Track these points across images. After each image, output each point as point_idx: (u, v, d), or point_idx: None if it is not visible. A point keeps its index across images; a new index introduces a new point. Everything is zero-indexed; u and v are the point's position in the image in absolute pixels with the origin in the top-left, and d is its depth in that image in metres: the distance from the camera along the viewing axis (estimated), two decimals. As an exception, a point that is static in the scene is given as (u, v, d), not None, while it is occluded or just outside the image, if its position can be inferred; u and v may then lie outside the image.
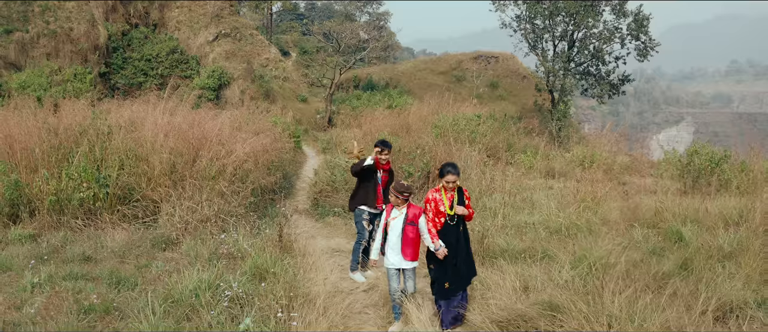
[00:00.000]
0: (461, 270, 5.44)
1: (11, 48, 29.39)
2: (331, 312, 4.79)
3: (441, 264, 5.42)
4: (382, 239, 5.57)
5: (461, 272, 5.44)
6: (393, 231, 5.48)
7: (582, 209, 8.51)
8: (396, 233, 5.45)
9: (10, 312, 5.39)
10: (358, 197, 7.32)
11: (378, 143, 7.30)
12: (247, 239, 6.91)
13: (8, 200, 9.25)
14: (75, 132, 10.37)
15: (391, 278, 5.54)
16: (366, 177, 7.29)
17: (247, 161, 9.85)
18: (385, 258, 5.53)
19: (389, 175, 7.43)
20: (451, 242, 5.42)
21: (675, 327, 3.99)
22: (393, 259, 5.49)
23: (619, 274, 4.98)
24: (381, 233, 5.59)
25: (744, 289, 5.21)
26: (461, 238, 5.53)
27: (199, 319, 4.64)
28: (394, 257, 5.48)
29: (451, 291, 5.39)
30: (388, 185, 7.27)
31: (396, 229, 5.46)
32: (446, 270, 5.41)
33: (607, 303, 4.24)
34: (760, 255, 6.12)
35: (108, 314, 5.12)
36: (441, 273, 5.44)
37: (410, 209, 5.47)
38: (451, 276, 5.37)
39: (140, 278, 6.18)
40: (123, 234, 8.35)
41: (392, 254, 5.48)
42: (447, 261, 5.38)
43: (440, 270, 5.45)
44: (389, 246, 5.49)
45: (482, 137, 14.56)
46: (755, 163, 15.21)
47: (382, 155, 7.18)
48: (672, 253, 6.43)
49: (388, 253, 5.50)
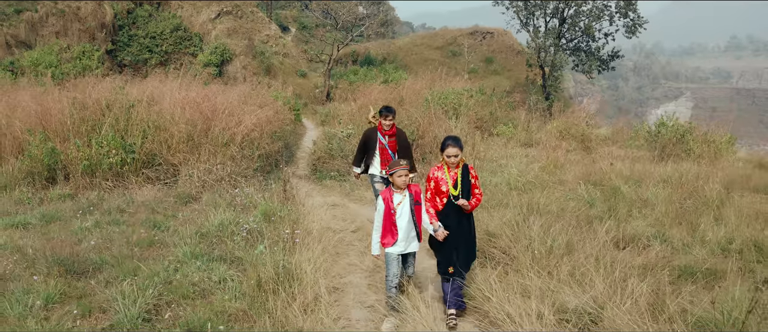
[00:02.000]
0: (462, 255, 5.12)
1: (21, 27, 30.62)
2: (325, 240, 6.24)
3: (443, 248, 5.14)
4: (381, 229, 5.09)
5: (463, 256, 5.12)
6: (402, 218, 5.03)
7: (542, 171, 9.93)
8: (406, 219, 5.03)
9: (72, 246, 6.82)
10: (367, 166, 7.78)
11: (382, 109, 7.62)
12: (256, 193, 8.35)
13: (46, 166, 10.64)
14: (102, 106, 11.74)
15: (392, 263, 5.07)
16: (366, 149, 7.74)
17: (254, 130, 11.24)
18: (396, 245, 5.08)
19: (398, 137, 7.59)
20: (452, 226, 5.08)
21: (578, 246, 5.43)
22: (402, 245, 5.08)
23: (550, 214, 6.41)
24: (380, 224, 5.09)
25: (648, 227, 6.65)
26: (464, 221, 5.20)
27: (224, 245, 6.12)
28: (403, 242, 5.07)
29: (455, 274, 5.06)
30: (397, 148, 7.54)
31: (405, 214, 5.03)
32: (449, 254, 5.10)
33: (529, 230, 5.68)
34: (673, 204, 7.56)
35: (152, 245, 6.58)
36: (444, 257, 5.16)
37: (411, 188, 5.11)
38: (455, 261, 5.07)
39: (172, 222, 7.62)
40: (149, 192, 9.79)
41: (402, 240, 5.07)
42: (449, 244, 5.09)
43: (443, 254, 5.18)
44: (399, 232, 5.05)
45: (467, 110, 15.90)
46: (719, 136, 16.78)
47: (386, 121, 7.42)
48: (603, 203, 7.86)
49: (398, 240, 5.07)
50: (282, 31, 42.91)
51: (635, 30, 34.03)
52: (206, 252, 6.02)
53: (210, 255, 5.93)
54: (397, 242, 5.05)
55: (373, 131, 7.70)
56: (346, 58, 41.55)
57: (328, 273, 5.52)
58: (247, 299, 4.78)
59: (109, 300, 4.80)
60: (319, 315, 4.44)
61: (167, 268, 5.54)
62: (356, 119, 15.63)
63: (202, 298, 4.94)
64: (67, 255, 6.02)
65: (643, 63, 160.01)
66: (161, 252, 6.18)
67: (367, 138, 7.68)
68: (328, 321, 4.45)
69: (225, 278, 5.28)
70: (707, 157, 15.34)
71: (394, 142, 7.54)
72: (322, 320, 4.39)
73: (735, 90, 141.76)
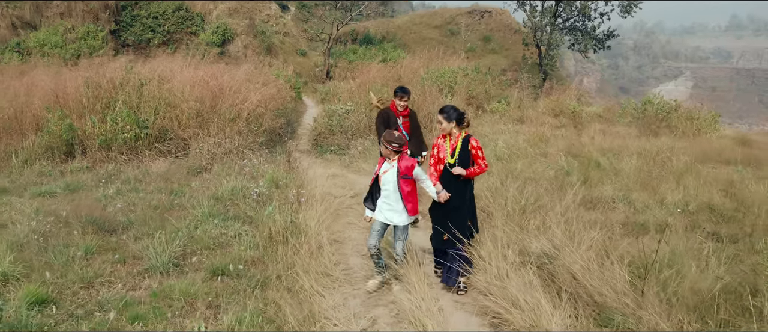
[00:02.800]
0: (460, 222, 5.25)
1: (27, 8, 31.13)
2: (326, 202, 7.02)
3: (441, 213, 5.32)
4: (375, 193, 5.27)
5: (458, 224, 5.23)
6: (386, 185, 5.15)
7: (527, 144, 10.69)
8: (389, 187, 5.13)
9: (99, 210, 7.60)
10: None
11: (397, 90, 7.43)
12: (263, 164, 9.12)
13: (64, 141, 11.38)
14: (115, 84, 12.45)
15: (372, 232, 5.22)
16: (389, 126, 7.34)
17: (259, 107, 11.97)
18: (377, 210, 5.24)
19: (411, 119, 7.50)
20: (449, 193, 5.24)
21: (549, 206, 6.20)
22: (385, 213, 5.18)
23: (528, 179, 7.18)
24: (370, 187, 5.29)
25: (616, 191, 7.43)
26: (461, 190, 5.33)
27: (237, 207, 6.91)
28: (387, 211, 5.16)
29: (449, 243, 5.21)
30: (410, 129, 7.42)
31: (388, 182, 5.14)
32: (443, 222, 5.27)
33: (506, 192, 6.46)
34: (642, 172, 8.33)
35: (172, 208, 7.37)
36: (438, 224, 5.35)
37: (402, 162, 5.14)
38: (450, 228, 5.19)
39: (187, 189, 8.40)
40: (162, 164, 10.56)
41: (385, 207, 5.18)
42: (445, 210, 5.26)
43: (440, 219, 5.35)
44: (382, 199, 5.20)
45: (460, 88, 16.61)
46: (702, 114, 17.60)
47: (400, 102, 7.27)
48: (580, 172, 8.63)
49: (381, 206, 5.21)
50: (282, 9, 43.28)
51: (630, 9, 34.53)
52: (222, 213, 6.82)
53: (225, 214, 6.74)
54: (379, 207, 5.19)
55: (388, 111, 7.46)
56: (346, 37, 41.96)
57: (330, 229, 6.32)
58: (260, 248, 5.58)
59: (141, 250, 5.59)
60: (322, 260, 5.24)
61: (188, 226, 6.33)
62: (355, 96, 16.34)
63: (221, 249, 5.74)
64: (97, 216, 6.80)
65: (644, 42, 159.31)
66: (181, 214, 6.96)
67: (386, 118, 7.36)
68: (330, 264, 5.25)
69: (240, 233, 6.08)
70: (690, 133, 16.15)
71: (408, 123, 7.45)
72: (324, 264, 5.19)
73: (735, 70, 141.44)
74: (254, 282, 4.86)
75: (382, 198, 5.19)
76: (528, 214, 6.02)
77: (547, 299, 4.00)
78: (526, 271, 4.52)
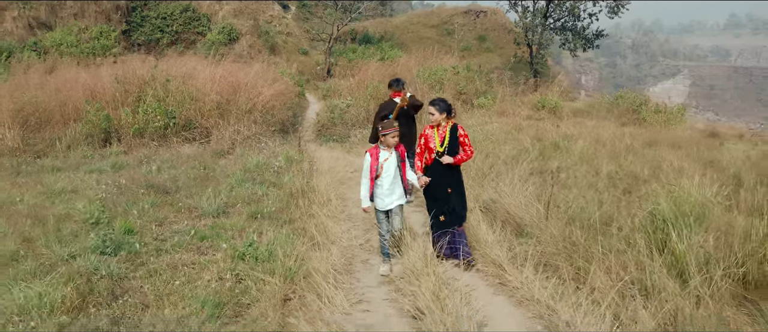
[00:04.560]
0: (452, 204, 5.64)
1: (42, 9, 33.01)
2: (331, 173, 8.90)
3: (433, 198, 5.74)
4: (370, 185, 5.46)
5: (453, 207, 5.62)
6: (387, 172, 5.40)
7: (502, 132, 12.55)
8: (391, 174, 5.40)
9: (151, 179, 9.41)
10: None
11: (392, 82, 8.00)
12: (278, 146, 10.98)
13: (102, 129, 13.21)
14: (143, 81, 14.29)
15: (381, 221, 5.56)
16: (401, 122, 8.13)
17: (271, 100, 13.83)
18: (377, 201, 5.50)
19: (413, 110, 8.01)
20: (438, 179, 5.63)
21: (506, 172, 8.04)
22: (385, 200, 5.47)
23: (493, 155, 9.05)
24: (367, 179, 5.46)
25: (566, 163, 9.28)
26: (449, 176, 5.72)
27: (262, 176, 8.80)
28: (387, 198, 5.45)
29: (445, 224, 5.56)
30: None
31: (390, 169, 5.40)
32: (438, 205, 5.67)
33: (473, 163, 8.33)
34: (590, 150, 10.18)
35: (208, 179, 9.22)
36: (433, 206, 5.73)
37: (399, 147, 5.51)
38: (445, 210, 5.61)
39: (216, 166, 10.25)
40: (190, 149, 12.39)
41: (385, 195, 5.46)
42: (438, 195, 5.67)
43: (432, 204, 5.75)
44: (382, 190, 5.45)
45: (449, 84, 18.47)
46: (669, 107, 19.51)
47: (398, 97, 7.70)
48: (539, 152, 10.47)
49: (380, 196, 5.48)
50: (283, 9, 45.04)
51: (618, 10, 36.40)
52: (250, 179, 8.69)
53: (253, 180, 8.61)
54: (381, 198, 5.48)
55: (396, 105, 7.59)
56: (346, 36, 43.66)
57: (336, 191, 8.19)
58: (284, 202, 7.44)
59: (195, 204, 7.44)
60: (330, 208, 7.11)
61: (227, 187, 8.19)
62: (355, 92, 18.19)
63: (254, 203, 7.60)
64: (152, 182, 8.65)
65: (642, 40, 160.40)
66: (217, 182, 8.82)
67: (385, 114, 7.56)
68: (336, 211, 7.12)
69: (267, 193, 7.95)
70: (657, 124, 18.05)
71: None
72: (332, 210, 7.06)
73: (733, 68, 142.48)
74: (283, 220, 6.72)
75: (380, 188, 5.46)
76: (489, 179, 7.87)
77: (486, 224, 5.86)
78: (476, 210, 6.38)
